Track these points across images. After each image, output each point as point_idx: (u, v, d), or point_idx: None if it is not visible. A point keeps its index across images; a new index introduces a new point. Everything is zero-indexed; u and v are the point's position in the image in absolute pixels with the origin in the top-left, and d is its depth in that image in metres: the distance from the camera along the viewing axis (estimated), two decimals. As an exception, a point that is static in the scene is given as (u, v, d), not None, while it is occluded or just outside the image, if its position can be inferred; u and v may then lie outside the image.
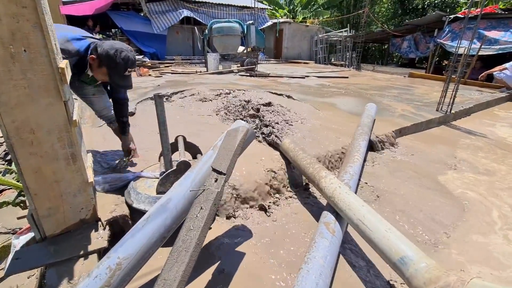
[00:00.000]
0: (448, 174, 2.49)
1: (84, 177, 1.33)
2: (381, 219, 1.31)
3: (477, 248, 1.59)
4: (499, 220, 1.84)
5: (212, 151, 1.33)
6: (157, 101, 1.48)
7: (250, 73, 7.08)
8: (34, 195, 1.23)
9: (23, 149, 1.14)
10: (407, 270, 1.09)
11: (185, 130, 2.68)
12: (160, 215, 1.14)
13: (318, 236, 1.41)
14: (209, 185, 1.14)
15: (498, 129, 3.93)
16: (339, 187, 1.58)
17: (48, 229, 1.32)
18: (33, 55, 1.04)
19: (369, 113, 3.12)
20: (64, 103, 1.16)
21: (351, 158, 2.18)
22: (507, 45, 6.92)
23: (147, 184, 1.62)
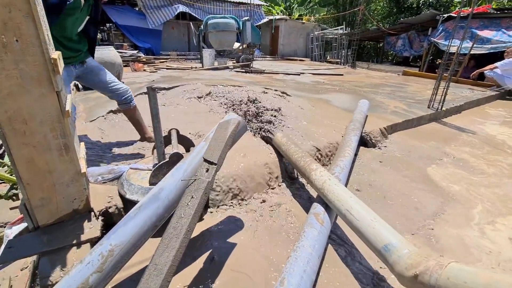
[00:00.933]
0: (435, 168, 2.55)
1: (76, 168, 1.34)
2: (367, 209, 1.35)
3: (454, 241, 1.65)
4: (478, 215, 1.90)
5: (204, 142, 1.35)
6: (150, 94, 1.49)
7: (246, 70, 7.08)
8: (27, 185, 1.24)
9: (15, 139, 1.15)
10: (390, 256, 1.13)
11: (179, 124, 2.69)
12: (152, 204, 1.17)
13: (307, 226, 1.45)
14: (200, 175, 1.17)
15: (487, 126, 4.02)
16: (328, 179, 1.62)
17: (41, 219, 1.33)
18: (25, 45, 1.05)
19: (361, 109, 3.16)
20: (56, 93, 1.17)
21: (342, 153, 2.23)
22: (499, 44, 7.04)
23: (140, 176, 1.64)
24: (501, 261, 1.49)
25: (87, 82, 2.08)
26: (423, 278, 0.98)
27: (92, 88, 2.14)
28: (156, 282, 0.89)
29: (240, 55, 7.88)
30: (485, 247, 1.59)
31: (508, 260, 1.50)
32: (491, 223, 1.80)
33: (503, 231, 1.72)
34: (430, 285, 0.95)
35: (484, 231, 1.72)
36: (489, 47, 7.17)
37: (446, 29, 8.36)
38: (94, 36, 2.04)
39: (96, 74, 2.05)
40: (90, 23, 1.96)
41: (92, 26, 1.99)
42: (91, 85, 2.10)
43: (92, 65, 2.04)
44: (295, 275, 1.14)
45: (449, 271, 0.93)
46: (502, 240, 1.65)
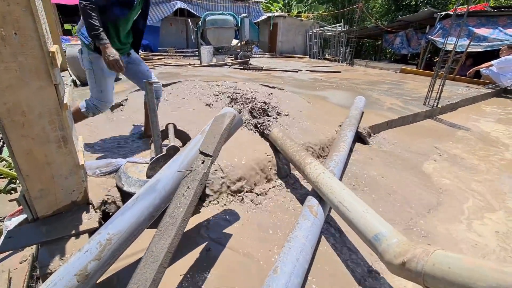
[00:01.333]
0: (429, 164, 2.60)
1: (75, 160, 1.37)
2: (359, 201, 1.39)
3: (443, 235, 1.70)
4: (468, 210, 1.95)
5: (201, 135, 1.38)
6: (147, 88, 1.52)
7: (244, 67, 7.09)
8: (26, 176, 1.26)
9: (14, 131, 1.17)
10: (380, 245, 1.17)
11: (176, 119, 2.72)
12: (149, 195, 1.20)
13: (301, 218, 1.49)
14: (196, 167, 1.20)
15: (482, 123, 4.06)
16: (322, 172, 1.66)
17: (40, 210, 1.36)
18: (24, 39, 1.07)
19: (357, 106, 3.20)
20: (55, 86, 1.19)
21: (338, 148, 2.26)
22: (495, 43, 7.08)
23: (138, 169, 1.67)
24: (487, 253, 1.53)
25: (129, 73, 2.10)
26: (410, 265, 1.02)
27: (131, 79, 2.17)
28: (152, 268, 0.93)
29: (238, 52, 7.88)
30: (472, 240, 1.64)
31: (492, 252, 1.55)
32: (479, 218, 1.85)
33: (490, 225, 1.76)
34: (417, 271, 0.99)
35: (472, 225, 1.76)
36: (485, 45, 7.21)
37: (444, 27, 8.39)
38: (142, 29, 2.08)
39: (137, 65, 2.11)
40: (141, 16, 2.01)
41: (142, 18, 2.03)
42: (131, 76, 2.14)
43: (134, 57, 2.10)
44: (288, 263, 1.18)
45: (435, 257, 0.97)
46: (488, 234, 1.69)
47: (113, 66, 1.72)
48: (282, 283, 1.10)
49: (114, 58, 1.70)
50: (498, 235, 1.68)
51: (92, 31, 1.64)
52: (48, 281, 0.99)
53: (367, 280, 1.32)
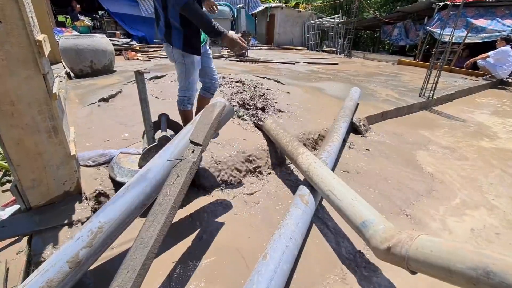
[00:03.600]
0: (422, 155, 2.62)
1: (66, 150, 1.38)
2: (348, 189, 1.41)
3: (432, 221, 1.73)
4: (457, 201, 1.98)
5: (191, 125, 1.39)
6: (138, 78, 1.51)
7: (240, 59, 7.03)
8: (17, 166, 1.27)
9: (3, 121, 1.17)
10: (367, 231, 1.20)
11: (170, 109, 2.72)
12: (140, 184, 1.21)
13: (292, 206, 1.51)
14: (186, 156, 1.21)
15: (477, 115, 4.08)
16: (314, 162, 1.67)
17: (32, 200, 1.37)
18: (9, 27, 1.06)
19: (352, 97, 3.20)
20: (43, 76, 1.19)
21: (331, 138, 2.28)
22: (493, 34, 7.04)
23: (130, 159, 1.68)
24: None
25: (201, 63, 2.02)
26: (395, 250, 1.04)
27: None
28: (142, 254, 0.94)
29: (235, 44, 7.79)
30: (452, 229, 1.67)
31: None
32: (461, 214, 1.88)
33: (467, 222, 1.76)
34: (401, 255, 1.02)
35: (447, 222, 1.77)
36: (483, 36, 7.16)
37: (442, 18, 8.31)
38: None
39: (208, 57, 2.08)
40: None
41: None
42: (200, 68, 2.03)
43: (206, 48, 2.06)
44: (277, 249, 1.20)
45: (418, 242, 0.99)
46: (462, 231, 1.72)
47: (243, 43, 1.65)
48: (271, 268, 1.12)
49: (239, 38, 1.65)
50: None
51: (211, 29, 1.59)
52: (40, 268, 1.01)
53: (354, 264, 1.35)
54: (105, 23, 9.87)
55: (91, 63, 4.05)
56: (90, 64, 4.05)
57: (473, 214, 1.80)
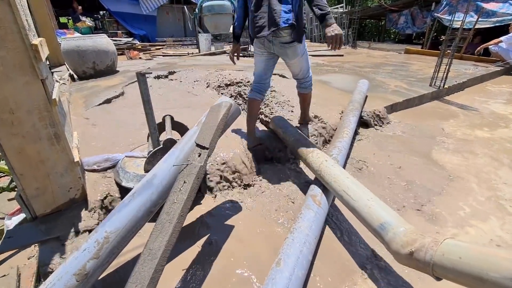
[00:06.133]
0: (436, 148, 2.52)
1: (69, 157, 1.34)
2: (364, 189, 1.34)
3: (450, 218, 1.65)
4: (475, 197, 1.89)
5: (197, 127, 1.33)
6: (140, 79, 1.46)
7: (243, 53, 6.92)
8: (20, 175, 1.24)
9: (4, 130, 1.13)
10: (386, 234, 1.13)
11: (176, 111, 2.66)
12: (146, 190, 1.16)
13: (304, 208, 1.45)
14: (192, 160, 1.15)
15: (492, 104, 3.92)
16: (325, 160, 1.60)
17: (38, 209, 1.34)
18: (3, 31, 1.02)
19: (360, 90, 3.09)
20: (41, 81, 1.14)
21: (341, 134, 2.20)
22: (505, 17, 6.76)
23: (136, 163, 1.63)
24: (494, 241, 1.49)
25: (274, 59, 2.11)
26: (419, 255, 0.98)
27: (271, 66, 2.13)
28: (150, 266, 0.90)
29: (237, 39, 7.68)
30: (478, 227, 1.59)
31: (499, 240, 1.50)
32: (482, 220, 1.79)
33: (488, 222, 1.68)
34: (426, 261, 0.95)
35: (466, 221, 1.70)
36: (494, 20, 6.88)
37: (450, 3, 8.02)
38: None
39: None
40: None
41: None
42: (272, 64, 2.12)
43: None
44: (291, 255, 1.14)
45: (444, 247, 0.92)
46: (482, 232, 1.64)
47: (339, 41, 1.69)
48: (285, 276, 1.07)
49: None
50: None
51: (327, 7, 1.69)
52: (47, 282, 0.98)
53: (372, 268, 1.29)
54: (107, 23, 9.83)
55: (94, 64, 4.02)
56: (93, 65, 4.02)
57: (494, 213, 1.71)
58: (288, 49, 1.85)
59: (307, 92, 2.23)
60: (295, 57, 1.91)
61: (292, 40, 1.80)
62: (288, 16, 1.71)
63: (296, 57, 1.92)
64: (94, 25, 9.49)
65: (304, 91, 2.22)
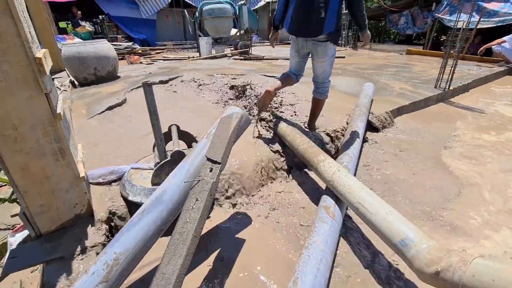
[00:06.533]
0: (447, 152, 2.47)
1: (75, 172, 1.29)
2: (381, 202, 1.29)
3: (467, 227, 1.60)
4: (490, 202, 1.84)
5: (206, 139, 1.28)
6: (146, 90, 1.41)
7: (244, 57, 6.88)
8: (24, 193, 1.19)
9: (7, 147, 1.08)
10: (408, 251, 1.08)
11: (180, 119, 2.62)
12: (156, 207, 1.11)
13: (318, 220, 1.40)
14: (204, 175, 1.10)
15: (498, 106, 3.88)
16: (338, 170, 1.56)
17: (42, 226, 1.29)
18: (6, 45, 0.97)
19: (366, 93, 3.05)
20: (45, 95, 1.10)
21: (350, 140, 2.15)
22: (507, 17, 6.73)
23: (142, 175, 1.58)
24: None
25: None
26: (446, 275, 0.93)
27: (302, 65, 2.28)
28: (164, 292, 0.85)
29: (238, 42, 7.65)
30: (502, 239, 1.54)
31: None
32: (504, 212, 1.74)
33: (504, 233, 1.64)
34: (454, 282, 0.90)
35: (482, 232, 1.66)
36: (496, 20, 6.85)
37: (451, 3, 8.00)
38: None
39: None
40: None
41: None
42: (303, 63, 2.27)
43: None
44: (308, 274, 1.09)
45: (474, 267, 0.87)
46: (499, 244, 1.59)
47: (368, 41, 1.99)
48: (304, 296, 1.02)
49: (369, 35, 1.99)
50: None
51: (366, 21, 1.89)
52: (54, 308, 0.93)
53: (392, 284, 1.23)
54: (106, 27, 9.80)
55: (95, 70, 3.97)
56: (94, 72, 3.97)
57: (507, 224, 1.65)
58: (319, 47, 1.94)
59: (323, 98, 2.25)
60: (325, 56, 1.99)
61: (326, 39, 1.90)
62: (330, 23, 1.81)
63: (325, 57, 2.00)
64: (93, 30, 9.45)
65: (320, 96, 2.24)
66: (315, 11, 1.78)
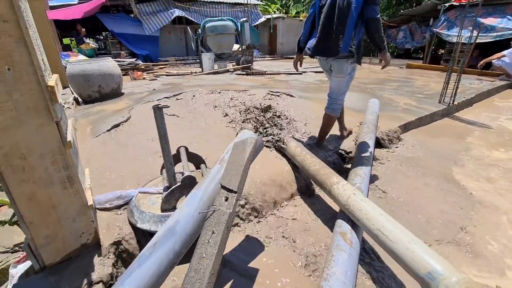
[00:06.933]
0: (458, 169, 2.42)
1: (83, 200, 1.24)
2: (402, 229, 1.23)
3: (490, 252, 1.53)
4: (508, 223, 1.78)
5: (219, 165, 1.24)
6: (157, 114, 1.38)
7: (247, 72, 6.96)
8: (30, 224, 1.13)
9: (14, 177, 1.04)
10: (436, 285, 1.01)
11: (187, 137, 2.58)
12: (168, 239, 1.05)
13: (335, 248, 1.34)
14: (219, 205, 1.05)
15: (504, 121, 3.86)
16: (353, 194, 1.50)
17: (47, 258, 1.23)
18: (18, 74, 0.94)
19: (373, 110, 3.04)
20: (56, 123, 1.06)
21: (360, 159, 2.11)
22: (504, 32, 6.85)
23: (151, 201, 1.53)
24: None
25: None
26: (483, 316, 0.86)
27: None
28: None
29: (240, 57, 7.75)
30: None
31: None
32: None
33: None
34: (493, 324, 0.83)
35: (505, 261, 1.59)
36: (494, 35, 6.98)
37: (448, 18, 8.18)
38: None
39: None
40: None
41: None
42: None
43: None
44: (331, 311, 1.02)
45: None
46: None
47: (388, 64, 2.06)
48: (327, 337, 0.95)
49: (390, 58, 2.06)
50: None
51: (384, 42, 1.94)
52: None
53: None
54: (110, 44, 9.98)
55: (99, 87, 3.99)
56: (98, 89, 3.99)
57: None
58: (336, 62, 2.07)
59: (333, 115, 2.31)
60: (341, 72, 2.10)
61: (345, 56, 2.00)
62: (347, 45, 1.94)
63: (341, 73, 2.11)
64: (97, 47, 9.61)
65: (331, 112, 2.30)
66: (334, 34, 1.95)
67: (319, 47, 2.07)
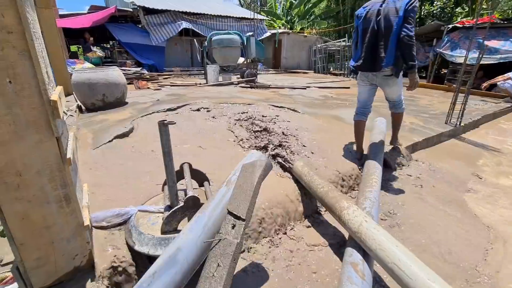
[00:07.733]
0: (470, 195, 2.34)
1: (79, 220, 1.16)
2: (421, 265, 1.14)
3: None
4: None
5: (226, 187, 1.17)
6: (162, 130, 1.32)
7: (251, 85, 6.98)
8: (20, 245, 1.05)
9: (7, 194, 0.97)
10: (462, 333, 0.92)
11: (190, 155, 2.52)
12: (169, 269, 0.97)
13: (346, 280, 1.24)
14: (225, 233, 0.97)
15: (511, 144, 3.80)
16: (365, 221, 1.42)
17: (36, 283, 1.14)
18: (20, 87, 0.89)
19: (380, 130, 2.98)
20: (56, 139, 1.00)
21: (369, 182, 2.03)
22: (508, 54, 6.90)
23: (150, 220, 1.45)
24: None
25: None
26: None
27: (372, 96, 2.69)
28: None
29: (245, 70, 7.80)
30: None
31: None
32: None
33: None
34: None
35: None
36: (498, 57, 7.02)
37: (452, 39, 8.27)
38: None
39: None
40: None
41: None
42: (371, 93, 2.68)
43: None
44: None
45: None
46: None
47: (416, 86, 2.30)
48: None
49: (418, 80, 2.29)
50: None
51: (414, 61, 2.14)
52: None
53: None
54: (116, 53, 10.09)
55: (104, 96, 3.97)
56: (102, 98, 3.96)
57: None
58: (389, 80, 2.37)
59: (401, 111, 2.68)
60: (394, 85, 2.43)
61: (391, 74, 2.28)
62: (389, 59, 2.19)
63: (395, 86, 2.43)
64: (104, 55, 9.72)
65: (398, 110, 2.67)
66: (378, 50, 2.22)
67: (366, 63, 2.35)
